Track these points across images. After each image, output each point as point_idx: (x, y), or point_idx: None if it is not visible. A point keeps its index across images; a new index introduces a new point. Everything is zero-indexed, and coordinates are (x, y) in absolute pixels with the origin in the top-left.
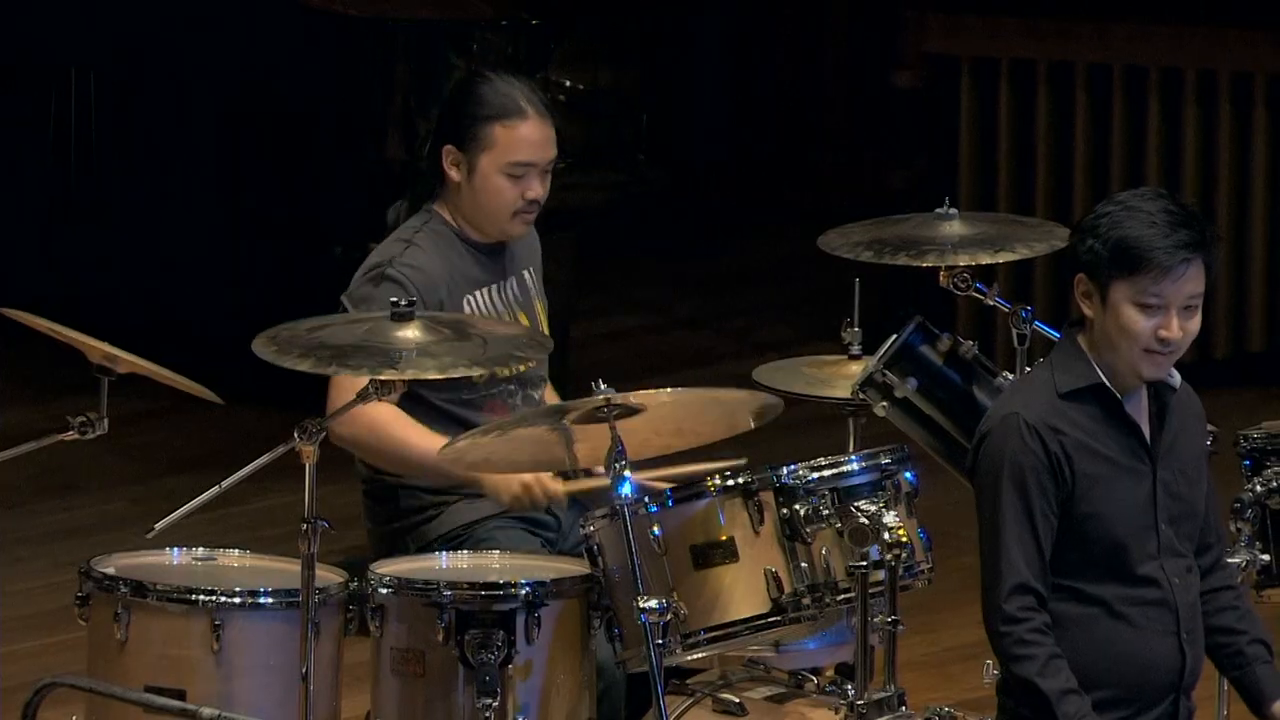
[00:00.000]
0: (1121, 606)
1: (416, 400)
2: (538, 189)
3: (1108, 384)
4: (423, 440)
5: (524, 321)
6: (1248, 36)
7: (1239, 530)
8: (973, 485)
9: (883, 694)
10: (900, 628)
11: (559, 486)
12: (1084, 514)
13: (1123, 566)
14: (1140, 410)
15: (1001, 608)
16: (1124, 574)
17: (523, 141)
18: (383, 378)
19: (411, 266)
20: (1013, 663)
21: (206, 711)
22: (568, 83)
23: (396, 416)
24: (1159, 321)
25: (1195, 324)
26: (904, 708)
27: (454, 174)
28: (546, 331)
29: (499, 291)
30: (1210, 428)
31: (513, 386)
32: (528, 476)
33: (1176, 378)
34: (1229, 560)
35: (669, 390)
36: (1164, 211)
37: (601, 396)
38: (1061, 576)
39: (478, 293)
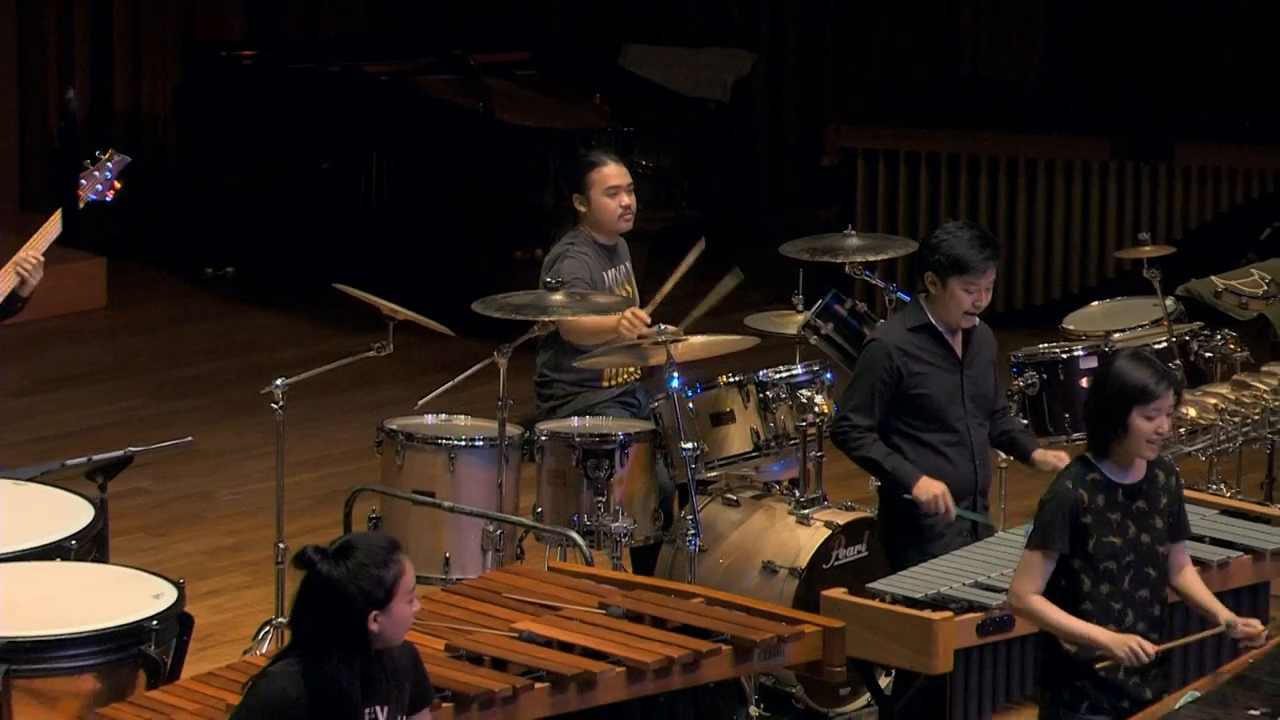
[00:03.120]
0: (941, 447)
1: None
2: (625, 199)
3: (935, 324)
4: (602, 321)
5: (629, 289)
6: (1037, 138)
7: (1009, 406)
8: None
9: (814, 495)
10: (824, 458)
11: (643, 315)
12: (918, 394)
13: (942, 423)
14: (956, 339)
15: (841, 425)
16: (943, 428)
17: (609, 174)
18: (541, 319)
19: (579, 252)
20: (853, 449)
21: (446, 504)
22: (644, 163)
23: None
24: (974, 298)
25: (989, 297)
26: (825, 501)
27: (581, 208)
28: (637, 297)
29: (617, 272)
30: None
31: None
32: (625, 313)
33: (976, 321)
34: (1010, 415)
35: (700, 336)
36: (975, 237)
37: (663, 336)
38: (908, 428)
39: (608, 271)
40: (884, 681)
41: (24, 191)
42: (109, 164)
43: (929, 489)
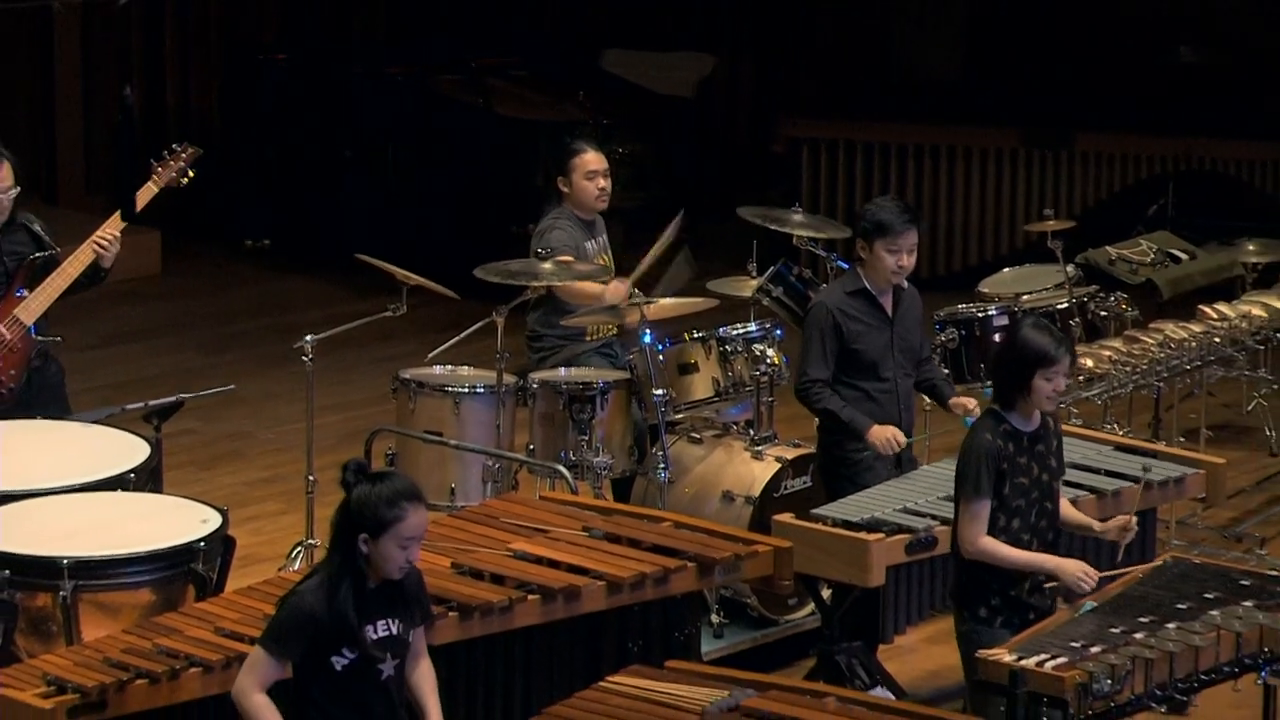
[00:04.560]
0: (873, 393)
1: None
2: (603, 182)
3: (869, 288)
4: (592, 288)
5: (605, 259)
6: (956, 128)
7: (932, 357)
8: (802, 329)
9: (766, 434)
10: (775, 402)
11: (625, 286)
12: (855, 348)
13: (874, 374)
14: (887, 299)
15: (803, 382)
16: (874, 377)
17: (589, 161)
18: (533, 284)
19: (565, 225)
20: (814, 403)
21: (452, 442)
22: (620, 149)
23: (590, 286)
24: (897, 258)
25: (913, 259)
26: (776, 439)
27: (564, 189)
28: (613, 265)
29: (594, 244)
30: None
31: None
32: (611, 284)
33: (905, 283)
34: (933, 364)
35: (670, 299)
36: (896, 206)
37: (637, 301)
38: (845, 377)
39: (589, 242)
40: (825, 593)
41: (89, 175)
42: (184, 155)
43: (881, 434)
